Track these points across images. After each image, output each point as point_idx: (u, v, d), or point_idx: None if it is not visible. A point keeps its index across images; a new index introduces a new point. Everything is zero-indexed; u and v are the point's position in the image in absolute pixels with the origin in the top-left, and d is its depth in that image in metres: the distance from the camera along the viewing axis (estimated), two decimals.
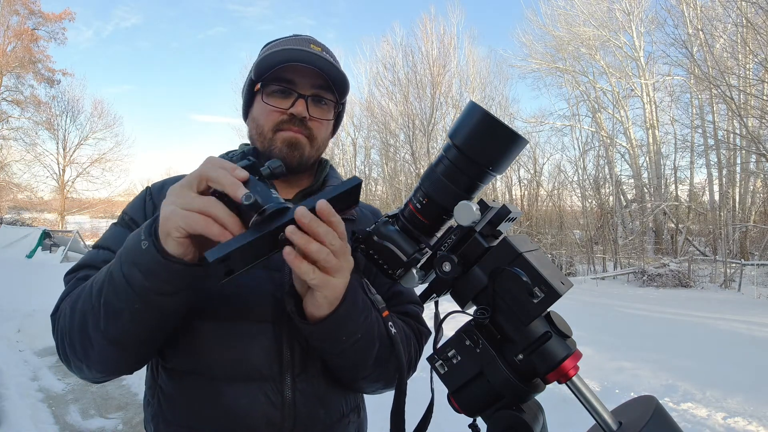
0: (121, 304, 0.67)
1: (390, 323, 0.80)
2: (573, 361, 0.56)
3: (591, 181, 18.80)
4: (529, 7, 27.68)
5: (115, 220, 0.94)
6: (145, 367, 0.88)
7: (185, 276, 0.65)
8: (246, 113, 1.01)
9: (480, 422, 0.62)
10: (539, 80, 20.63)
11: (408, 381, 0.94)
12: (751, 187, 15.87)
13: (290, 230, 0.59)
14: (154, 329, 0.72)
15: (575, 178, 19.38)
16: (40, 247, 14.25)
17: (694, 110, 16.50)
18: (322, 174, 1.02)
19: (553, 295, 0.54)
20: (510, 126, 0.57)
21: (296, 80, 0.91)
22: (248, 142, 1.01)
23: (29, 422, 3.62)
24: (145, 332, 0.71)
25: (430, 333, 0.99)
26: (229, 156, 0.98)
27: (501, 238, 0.60)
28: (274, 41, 1.01)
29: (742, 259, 12.89)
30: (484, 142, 0.58)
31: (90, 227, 28.37)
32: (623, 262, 15.86)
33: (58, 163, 26.32)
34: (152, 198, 0.92)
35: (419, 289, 0.67)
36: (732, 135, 14.93)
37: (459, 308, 0.63)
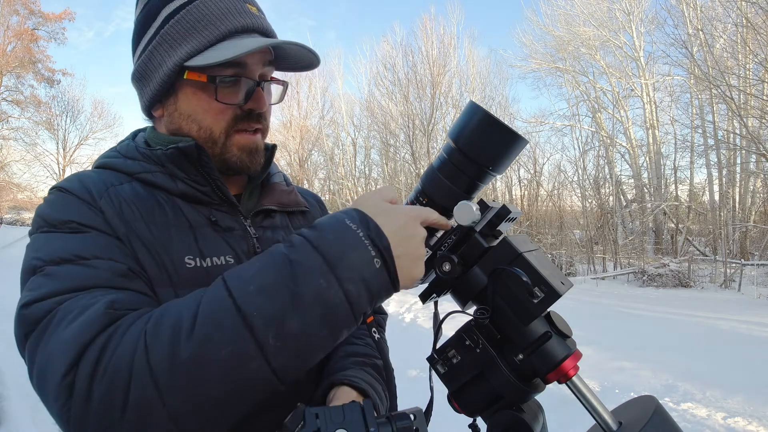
0: (323, 333, 0.51)
1: (374, 329, 0.76)
2: (573, 361, 0.56)
3: (591, 181, 18.78)
4: (529, 7, 27.69)
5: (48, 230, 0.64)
6: None
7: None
8: (156, 101, 0.76)
9: (480, 422, 0.62)
10: (539, 80, 20.61)
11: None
12: (751, 187, 15.84)
13: None
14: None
15: (575, 178, 19.37)
16: None
17: (694, 110, 16.48)
18: (270, 164, 0.87)
19: (553, 295, 0.54)
20: (510, 126, 0.57)
21: (248, 62, 0.73)
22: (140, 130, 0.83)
23: (29, 422, 3.61)
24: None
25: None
26: (157, 153, 0.74)
27: (501, 238, 0.60)
28: None
29: (742, 259, 12.86)
30: (484, 142, 0.58)
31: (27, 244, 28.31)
32: (623, 262, 15.83)
33: (58, 163, 26.39)
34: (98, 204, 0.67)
35: (419, 289, 0.67)
36: (732, 135, 14.91)
37: (459, 308, 0.63)
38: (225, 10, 0.71)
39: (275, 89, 0.82)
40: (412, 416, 0.57)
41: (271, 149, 0.87)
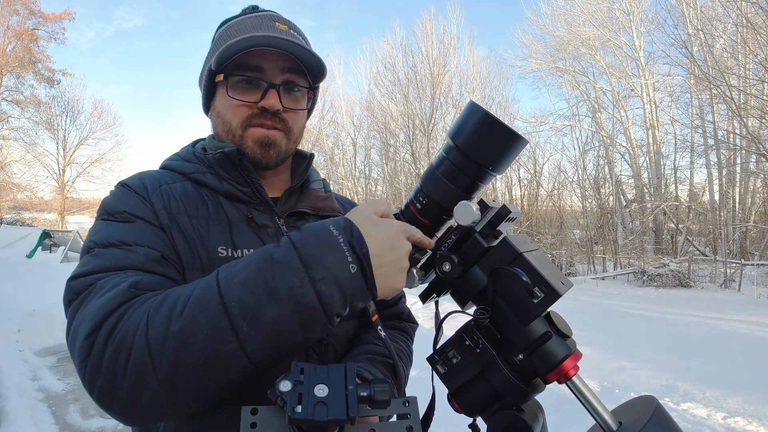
0: (294, 327, 0.55)
1: (379, 327, 0.80)
2: (573, 361, 0.56)
3: (591, 181, 18.78)
4: (529, 7, 27.65)
5: (114, 219, 0.74)
6: None
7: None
8: (207, 106, 0.91)
9: (480, 422, 0.62)
10: (539, 80, 20.64)
11: (408, 381, 0.95)
12: (751, 187, 15.84)
13: None
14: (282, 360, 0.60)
15: (575, 178, 19.38)
16: (40, 247, 14.24)
17: (694, 110, 16.48)
18: (308, 171, 0.96)
19: (553, 295, 0.54)
20: (510, 126, 0.57)
21: (264, 66, 0.81)
22: (202, 136, 0.94)
23: (29, 422, 3.61)
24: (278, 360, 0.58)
25: (412, 352, 0.98)
26: (208, 157, 0.85)
27: (501, 238, 0.60)
28: (230, 20, 0.90)
29: (742, 259, 12.86)
30: (484, 143, 0.58)
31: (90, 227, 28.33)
32: (623, 262, 15.83)
33: (58, 163, 26.32)
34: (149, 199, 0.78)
35: (419, 289, 0.67)
36: (732, 135, 14.91)
37: (459, 308, 0.63)
38: (251, 26, 0.84)
39: (301, 96, 0.87)
40: (404, 403, 0.58)
41: (309, 158, 0.97)
